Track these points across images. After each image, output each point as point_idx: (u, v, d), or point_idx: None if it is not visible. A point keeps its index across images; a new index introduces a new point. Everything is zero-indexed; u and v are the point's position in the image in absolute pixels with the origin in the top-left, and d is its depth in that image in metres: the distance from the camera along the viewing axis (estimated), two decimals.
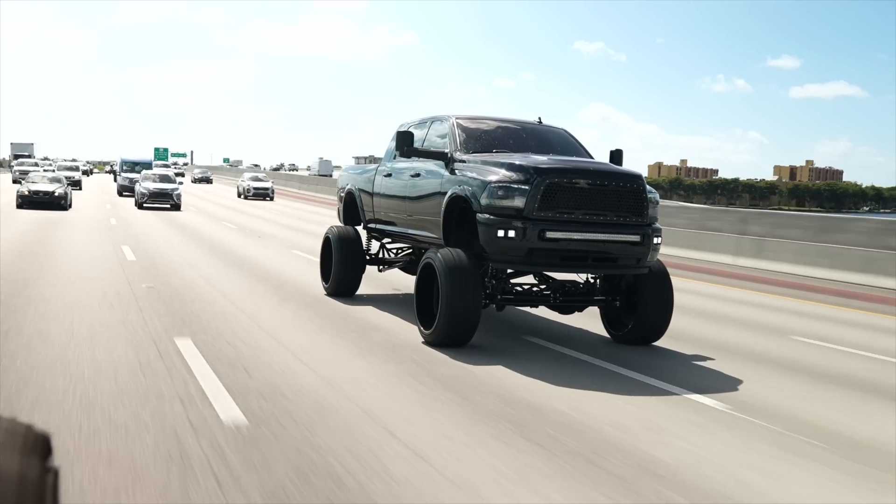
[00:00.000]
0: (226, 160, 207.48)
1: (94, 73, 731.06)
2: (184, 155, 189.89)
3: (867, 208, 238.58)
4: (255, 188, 47.88)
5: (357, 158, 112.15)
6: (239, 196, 49.07)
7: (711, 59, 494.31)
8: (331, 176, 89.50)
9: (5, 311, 8.68)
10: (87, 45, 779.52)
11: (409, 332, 8.59)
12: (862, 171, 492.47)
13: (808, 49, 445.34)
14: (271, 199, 47.10)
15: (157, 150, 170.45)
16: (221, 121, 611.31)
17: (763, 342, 9.29)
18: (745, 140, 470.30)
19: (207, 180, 75.61)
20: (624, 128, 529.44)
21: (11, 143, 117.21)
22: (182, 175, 73.01)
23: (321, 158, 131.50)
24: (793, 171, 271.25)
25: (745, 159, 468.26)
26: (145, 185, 33.33)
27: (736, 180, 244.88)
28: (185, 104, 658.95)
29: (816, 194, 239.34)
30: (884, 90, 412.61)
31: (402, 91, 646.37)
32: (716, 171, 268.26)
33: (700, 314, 11.08)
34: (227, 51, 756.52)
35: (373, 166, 11.52)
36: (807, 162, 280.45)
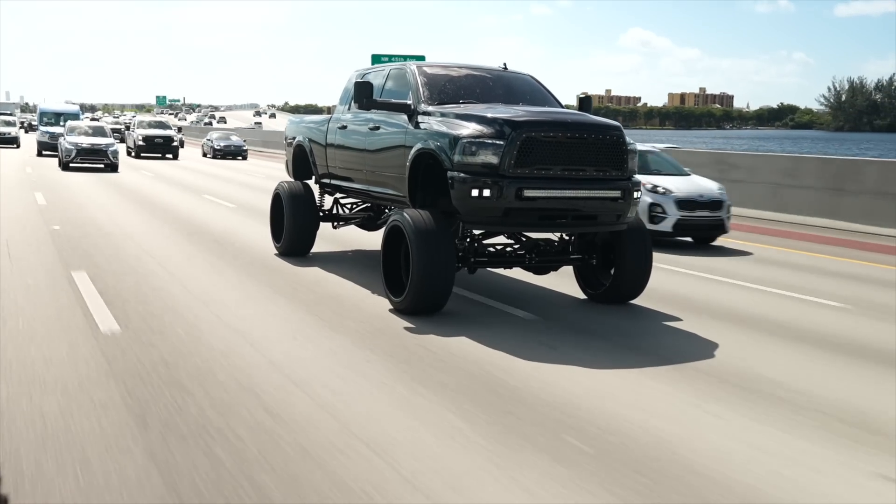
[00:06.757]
0: (160, 100, 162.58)
1: (130, 13, 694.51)
2: (177, 101, 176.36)
3: (730, 126, 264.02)
4: None
5: None
6: None
7: None
8: None
9: None
10: None
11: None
12: None
13: None
14: None
15: (157, 97, 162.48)
16: (259, 58, 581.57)
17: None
18: (790, 61, 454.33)
19: (239, 153, 41.78)
20: (665, 52, 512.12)
21: None
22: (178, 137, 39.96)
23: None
24: (683, 96, 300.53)
25: (792, 81, 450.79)
26: (72, 139, 27.67)
27: (607, 107, 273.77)
28: (221, 41, 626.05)
29: (667, 116, 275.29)
30: None
31: (436, 21, 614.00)
32: (638, 99, 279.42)
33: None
34: None
35: (323, 117, 10.77)
36: (700, 89, 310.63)
